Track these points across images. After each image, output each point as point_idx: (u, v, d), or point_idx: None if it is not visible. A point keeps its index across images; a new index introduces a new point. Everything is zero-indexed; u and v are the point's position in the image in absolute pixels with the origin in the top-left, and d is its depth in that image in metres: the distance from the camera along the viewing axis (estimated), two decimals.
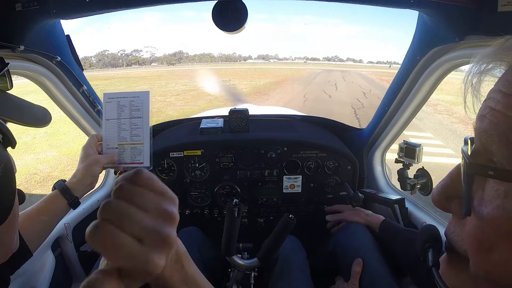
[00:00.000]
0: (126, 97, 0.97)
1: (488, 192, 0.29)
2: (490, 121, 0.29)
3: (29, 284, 0.99)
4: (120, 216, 0.31)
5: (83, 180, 0.91)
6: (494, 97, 0.29)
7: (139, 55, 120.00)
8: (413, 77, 1.08)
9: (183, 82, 24.00)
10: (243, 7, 0.90)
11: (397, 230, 1.08)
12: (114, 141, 0.98)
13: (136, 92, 0.97)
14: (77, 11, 0.92)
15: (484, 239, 0.29)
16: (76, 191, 0.90)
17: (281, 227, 0.96)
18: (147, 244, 0.31)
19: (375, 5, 0.88)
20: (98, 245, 0.30)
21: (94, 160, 0.92)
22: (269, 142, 1.37)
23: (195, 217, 1.43)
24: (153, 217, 0.33)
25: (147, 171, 0.35)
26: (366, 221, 1.17)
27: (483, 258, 0.29)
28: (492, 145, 0.28)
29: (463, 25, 0.81)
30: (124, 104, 0.97)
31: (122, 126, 0.97)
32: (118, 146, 0.98)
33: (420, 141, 1.26)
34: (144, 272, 0.32)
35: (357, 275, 0.98)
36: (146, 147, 0.97)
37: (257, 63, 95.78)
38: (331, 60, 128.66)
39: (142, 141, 0.97)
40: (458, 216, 0.34)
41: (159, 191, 0.35)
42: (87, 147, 0.94)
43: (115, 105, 0.97)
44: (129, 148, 0.97)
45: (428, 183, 1.18)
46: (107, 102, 0.97)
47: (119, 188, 0.34)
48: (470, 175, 0.30)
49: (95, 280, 0.30)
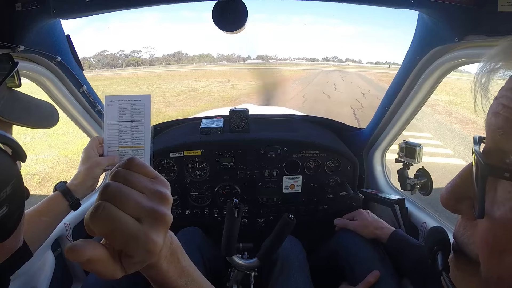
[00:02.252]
0: (128, 100, 0.97)
1: (501, 193, 0.28)
2: (505, 118, 0.28)
3: (29, 284, 0.99)
4: (119, 195, 0.33)
5: (84, 182, 0.92)
6: (507, 95, 0.29)
7: (138, 55, 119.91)
8: (413, 77, 1.08)
9: (182, 82, 24.00)
10: (243, 7, 0.91)
11: (406, 247, 1.01)
12: (115, 143, 0.98)
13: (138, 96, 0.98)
14: (77, 11, 0.92)
15: (496, 242, 0.28)
16: (77, 193, 0.91)
17: (281, 227, 0.96)
18: (145, 222, 0.33)
19: (375, 5, 0.88)
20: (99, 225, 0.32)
21: (95, 162, 0.93)
22: (269, 142, 1.37)
23: (195, 217, 1.43)
24: (149, 197, 0.35)
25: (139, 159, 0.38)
26: (375, 235, 1.11)
27: (495, 262, 0.28)
28: (506, 143, 0.28)
29: (463, 25, 0.81)
30: (126, 107, 0.97)
31: (124, 129, 0.97)
32: (119, 149, 0.98)
33: (419, 141, 1.27)
34: (144, 251, 0.33)
35: (368, 285, 0.97)
36: (146, 150, 0.97)
37: (257, 63, 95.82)
38: (330, 61, 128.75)
39: (143, 144, 0.97)
40: (469, 218, 0.33)
41: (151, 175, 0.38)
42: (88, 149, 0.95)
43: (116, 108, 0.97)
44: (130, 151, 0.98)
45: (428, 183, 1.18)
46: (109, 104, 0.98)
47: (116, 172, 0.36)
48: (484, 176, 0.29)
49: (80, 242, 0.32)
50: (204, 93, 17.37)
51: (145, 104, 0.97)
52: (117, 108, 0.97)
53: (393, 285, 0.97)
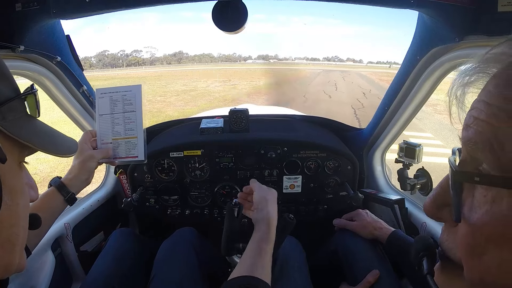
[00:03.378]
0: (119, 92, 0.98)
1: (477, 198, 0.30)
2: (475, 130, 0.30)
3: (28, 283, 0.99)
4: None
5: (78, 176, 0.92)
6: (478, 107, 0.30)
7: (139, 55, 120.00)
8: (413, 77, 1.08)
9: (183, 82, 24.00)
10: (243, 7, 0.90)
11: (405, 247, 1.00)
12: (108, 136, 0.98)
13: (128, 86, 0.98)
14: (77, 11, 0.92)
15: (475, 245, 0.29)
16: (72, 187, 0.90)
17: (281, 227, 0.96)
18: None
19: (375, 5, 0.88)
20: None
21: (89, 156, 0.93)
22: (269, 142, 1.37)
23: (195, 217, 1.43)
24: None
25: None
26: (374, 236, 1.10)
27: (476, 264, 0.30)
28: (477, 153, 0.29)
29: (463, 25, 0.81)
30: (117, 99, 0.97)
31: (116, 120, 0.97)
32: (113, 141, 0.98)
33: (420, 141, 1.26)
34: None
35: (368, 285, 0.97)
36: (140, 140, 0.97)
37: (257, 63, 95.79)
38: (331, 60, 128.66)
39: (136, 134, 0.97)
40: (450, 224, 0.35)
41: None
42: (81, 142, 0.94)
43: (107, 100, 0.98)
44: (123, 142, 0.98)
45: (428, 183, 1.18)
46: (100, 97, 0.98)
47: None
48: (457, 182, 0.32)
49: None
50: (205, 92, 17.38)
51: (136, 94, 0.97)
52: (108, 100, 0.97)
53: (393, 285, 0.97)
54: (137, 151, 0.98)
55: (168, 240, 1.14)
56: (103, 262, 1.05)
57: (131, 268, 1.05)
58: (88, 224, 1.30)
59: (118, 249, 1.10)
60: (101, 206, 1.39)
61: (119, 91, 0.98)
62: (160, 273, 1.00)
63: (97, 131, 0.98)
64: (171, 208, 1.42)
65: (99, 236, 1.40)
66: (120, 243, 1.13)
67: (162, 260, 1.05)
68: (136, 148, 0.97)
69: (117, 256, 1.06)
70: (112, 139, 0.98)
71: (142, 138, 0.97)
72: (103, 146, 0.98)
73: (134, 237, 1.19)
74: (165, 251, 1.09)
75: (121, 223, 1.56)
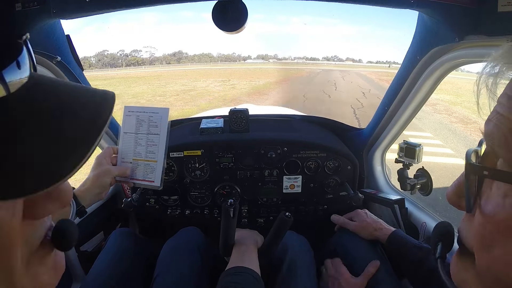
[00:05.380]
0: (146, 112, 0.96)
1: (494, 191, 0.30)
2: (494, 124, 0.30)
3: None
4: None
5: (91, 189, 0.90)
6: (501, 101, 0.30)
7: (138, 55, 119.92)
8: (413, 77, 1.08)
9: (182, 82, 23.99)
10: (243, 7, 0.90)
11: (406, 247, 0.99)
12: (130, 155, 0.97)
13: (156, 108, 0.96)
14: (77, 11, 0.92)
15: (486, 235, 0.30)
16: (83, 200, 0.88)
17: (278, 225, 0.96)
18: None
19: (375, 5, 0.88)
20: None
21: (106, 170, 0.91)
22: (269, 142, 1.37)
23: (195, 217, 1.43)
24: None
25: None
26: (374, 237, 1.10)
27: (485, 254, 0.31)
28: (495, 147, 0.30)
29: (463, 25, 0.81)
30: (143, 119, 0.96)
31: (139, 141, 0.96)
32: (133, 161, 0.96)
33: (420, 141, 1.26)
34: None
35: (369, 275, 0.97)
36: (159, 165, 0.95)
37: (257, 63, 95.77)
38: (331, 60, 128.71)
39: (156, 158, 0.95)
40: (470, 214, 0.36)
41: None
42: (100, 157, 0.93)
43: (134, 119, 0.96)
44: (142, 164, 0.96)
45: (428, 183, 1.18)
46: (127, 115, 0.97)
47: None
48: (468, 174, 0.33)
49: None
50: (205, 92, 17.38)
51: (162, 117, 0.95)
52: (134, 119, 0.96)
53: (393, 286, 0.97)
54: (154, 175, 0.96)
55: (172, 239, 1.14)
56: (103, 262, 1.05)
57: (131, 268, 1.05)
58: (88, 224, 1.30)
59: (118, 249, 1.10)
60: (101, 206, 1.39)
61: (147, 112, 0.96)
62: (163, 272, 1.00)
63: (119, 148, 0.97)
64: (171, 208, 1.42)
65: (99, 236, 1.40)
66: (120, 243, 1.13)
67: (166, 260, 1.05)
68: (154, 173, 0.95)
69: (117, 256, 1.06)
70: (132, 159, 0.96)
71: (162, 163, 0.95)
72: (123, 165, 0.96)
73: (134, 237, 1.19)
74: (169, 251, 1.09)
75: (121, 223, 1.56)
